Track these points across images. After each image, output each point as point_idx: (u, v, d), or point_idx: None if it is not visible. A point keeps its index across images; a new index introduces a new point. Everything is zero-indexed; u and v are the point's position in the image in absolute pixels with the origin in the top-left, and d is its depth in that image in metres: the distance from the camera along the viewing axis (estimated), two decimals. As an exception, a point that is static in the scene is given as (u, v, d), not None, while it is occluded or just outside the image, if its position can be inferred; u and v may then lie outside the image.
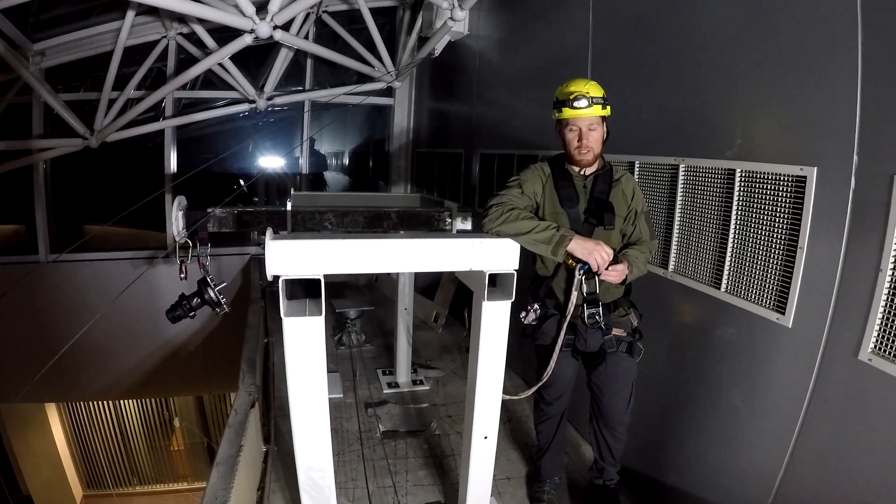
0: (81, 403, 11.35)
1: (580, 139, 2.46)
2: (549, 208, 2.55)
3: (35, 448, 10.43)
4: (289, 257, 2.08)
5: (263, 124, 8.42)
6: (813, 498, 2.24)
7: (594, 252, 2.29)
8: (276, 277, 2.08)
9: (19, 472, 9.97)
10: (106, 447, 12.00)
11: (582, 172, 2.57)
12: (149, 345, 7.72)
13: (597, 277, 2.42)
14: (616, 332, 2.62)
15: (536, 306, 2.66)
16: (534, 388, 2.69)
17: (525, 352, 2.92)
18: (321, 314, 2.11)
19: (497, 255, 2.30)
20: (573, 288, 2.42)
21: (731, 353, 2.65)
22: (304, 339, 2.13)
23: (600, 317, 2.48)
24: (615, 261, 2.36)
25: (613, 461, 2.87)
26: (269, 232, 2.14)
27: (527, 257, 2.43)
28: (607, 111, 2.47)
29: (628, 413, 2.77)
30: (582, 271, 2.37)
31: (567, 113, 2.43)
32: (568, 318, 2.49)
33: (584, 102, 2.39)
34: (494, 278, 2.29)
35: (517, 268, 2.34)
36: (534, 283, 2.74)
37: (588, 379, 2.82)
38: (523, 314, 2.65)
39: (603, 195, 2.53)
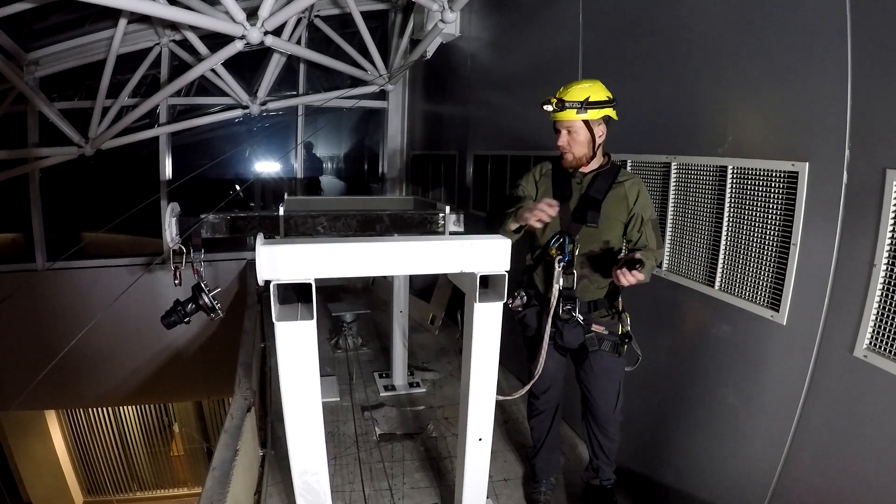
0: (81, 410, 11.32)
1: (560, 140, 2.52)
2: None
3: (35, 455, 10.42)
4: (279, 262, 2.06)
5: (258, 129, 8.42)
6: (810, 495, 2.22)
7: (534, 209, 2.31)
8: (268, 282, 2.07)
9: (20, 480, 9.98)
10: (106, 453, 11.98)
11: (580, 170, 2.58)
12: (147, 351, 7.71)
13: (575, 273, 2.48)
14: (596, 328, 2.62)
15: (523, 293, 2.76)
16: (527, 388, 2.70)
17: (522, 351, 2.92)
18: (313, 318, 2.10)
19: (488, 256, 2.28)
20: (553, 281, 2.48)
21: (726, 351, 2.64)
22: (297, 344, 2.12)
23: (575, 312, 2.52)
24: (633, 266, 2.24)
25: (608, 460, 2.86)
26: (259, 237, 2.13)
27: (520, 248, 2.45)
28: (589, 115, 2.43)
29: (618, 412, 2.76)
30: (561, 264, 2.41)
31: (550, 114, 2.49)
32: (552, 311, 2.52)
33: (549, 108, 2.45)
34: (486, 279, 2.28)
35: (508, 268, 2.33)
36: (524, 273, 2.81)
37: (577, 376, 2.83)
38: (510, 300, 2.68)
39: (598, 194, 2.53)
